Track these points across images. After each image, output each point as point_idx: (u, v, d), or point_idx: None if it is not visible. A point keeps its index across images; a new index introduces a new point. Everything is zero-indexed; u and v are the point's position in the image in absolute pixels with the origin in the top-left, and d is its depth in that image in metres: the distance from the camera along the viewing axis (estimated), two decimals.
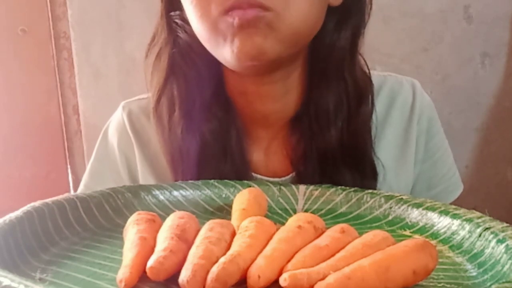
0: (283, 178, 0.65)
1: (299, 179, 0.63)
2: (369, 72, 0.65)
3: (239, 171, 0.62)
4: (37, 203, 0.45)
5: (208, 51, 0.58)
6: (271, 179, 0.64)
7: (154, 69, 0.64)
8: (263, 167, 0.66)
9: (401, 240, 0.39)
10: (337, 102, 0.62)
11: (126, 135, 0.71)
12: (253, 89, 0.62)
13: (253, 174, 0.65)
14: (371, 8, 0.62)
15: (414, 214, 0.51)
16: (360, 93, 0.63)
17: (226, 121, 0.63)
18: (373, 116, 0.65)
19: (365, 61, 0.65)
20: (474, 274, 0.41)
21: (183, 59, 0.62)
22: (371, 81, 0.65)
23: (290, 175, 0.65)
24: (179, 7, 0.61)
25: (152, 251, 0.38)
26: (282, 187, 0.59)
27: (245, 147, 0.64)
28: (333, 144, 0.62)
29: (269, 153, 0.66)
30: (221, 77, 0.63)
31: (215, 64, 0.59)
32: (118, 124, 0.72)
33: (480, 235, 0.43)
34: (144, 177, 0.69)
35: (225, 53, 0.54)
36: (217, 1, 0.52)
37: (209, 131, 0.62)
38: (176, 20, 0.62)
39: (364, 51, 0.64)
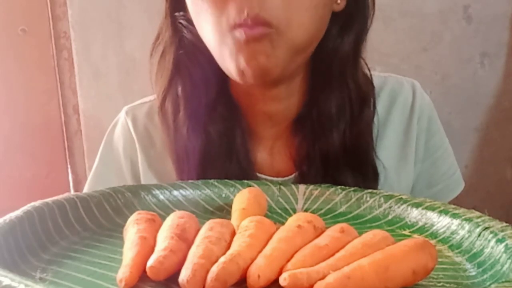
0: (286, 178, 0.65)
1: (302, 179, 0.63)
2: (371, 75, 0.66)
3: (244, 171, 0.63)
4: (37, 203, 0.45)
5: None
6: (274, 178, 0.64)
7: (158, 69, 0.65)
8: (268, 167, 0.66)
9: (401, 240, 0.39)
10: (340, 106, 0.62)
11: (131, 140, 0.71)
12: (258, 91, 0.63)
13: (258, 174, 0.65)
14: (373, 14, 0.63)
15: (414, 214, 0.51)
16: (362, 97, 0.64)
17: (231, 121, 0.63)
18: (375, 118, 0.65)
19: (366, 63, 0.65)
20: (474, 273, 0.41)
21: (188, 59, 0.62)
22: (372, 84, 0.65)
23: (293, 174, 0.65)
24: (184, 8, 0.61)
25: (152, 250, 0.38)
26: (282, 187, 0.59)
27: (249, 147, 0.65)
28: (336, 146, 0.62)
29: (273, 153, 0.66)
30: (225, 78, 0.63)
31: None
32: (123, 129, 0.72)
33: (479, 235, 0.43)
34: (147, 182, 0.69)
35: (231, 69, 0.55)
36: (229, 14, 0.52)
37: (214, 130, 0.63)
38: (181, 21, 0.62)
39: (364, 51, 0.64)
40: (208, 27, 0.55)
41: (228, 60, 0.55)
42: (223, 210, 0.55)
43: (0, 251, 0.38)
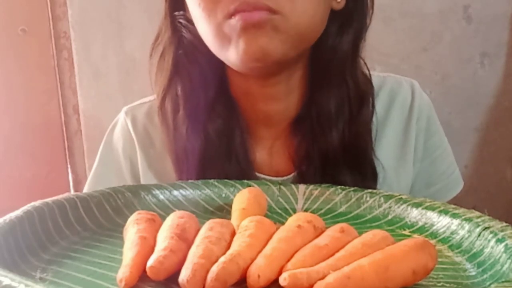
0: (285, 178, 0.65)
1: (301, 179, 0.63)
2: (370, 74, 0.66)
3: (243, 171, 0.63)
4: (37, 203, 0.45)
5: (212, 52, 0.58)
6: (273, 178, 0.64)
7: (158, 69, 0.65)
8: (267, 167, 0.66)
9: (401, 240, 0.39)
10: (339, 105, 0.63)
11: (131, 140, 0.71)
12: (257, 89, 0.62)
13: (257, 173, 0.65)
14: (372, 12, 0.63)
15: (414, 214, 0.51)
16: (361, 95, 0.64)
17: (230, 120, 0.63)
18: (374, 118, 0.65)
19: (365, 62, 0.65)
20: (474, 273, 0.41)
21: (187, 59, 0.63)
22: (371, 83, 0.65)
23: (292, 174, 0.65)
24: (183, 7, 0.61)
25: (152, 250, 0.38)
26: (282, 187, 0.59)
27: (249, 146, 0.65)
28: (335, 146, 0.62)
29: (272, 152, 0.66)
30: (225, 77, 0.64)
31: (219, 64, 0.60)
32: (123, 129, 0.72)
33: (479, 235, 0.43)
34: (147, 182, 0.69)
35: (230, 54, 0.55)
36: (223, 4, 0.52)
37: (213, 130, 0.63)
38: (181, 20, 0.62)
39: (364, 51, 0.64)
40: (202, 19, 0.55)
41: (227, 47, 0.54)
42: (223, 210, 0.55)
43: (0, 251, 0.38)
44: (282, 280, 0.34)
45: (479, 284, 0.39)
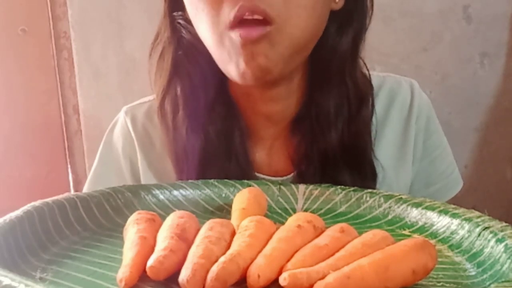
0: (285, 177, 0.65)
1: (300, 179, 0.63)
2: (369, 74, 0.66)
3: (242, 171, 0.63)
4: (37, 203, 0.45)
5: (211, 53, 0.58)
6: (273, 178, 0.65)
7: (157, 69, 0.65)
8: (266, 167, 0.66)
9: (401, 240, 0.39)
10: (338, 105, 0.63)
11: (131, 139, 0.71)
12: (256, 91, 0.63)
13: (256, 173, 0.65)
14: (372, 12, 0.63)
15: (414, 214, 0.51)
16: (360, 96, 0.64)
17: (230, 121, 0.64)
18: (373, 118, 0.65)
19: (364, 62, 0.65)
20: (473, 273, 0.41)
21: (187, 59, 0.63)
22: (371, 83, 0.66)
23: (292, 174, 0.65)
24: (182, 8, 0.61)
25: (152, 250, 0.38)
26: (282, 187, 0.59)
27: (248, 146, 0.65)
28: (334, 145, 0.62)
29: (271, 153, 0.67)
30: (224, 78, 0.64)
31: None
32: (123, 129, 0.72)
33: (479, 235, 0.43)
34: (147, 182, 0.69)
35: (231, 71, 0.55)
36: (225, 11, 0.52)
37: (213, 130, 0.63)
38: (180, 21, 0.62)
39: (364, 51, 0.64)
40: (205, 28, 0.55)
41: (228, 63, 0.55)
42: (223, 210, 0.55)
43: (0, 251, 0.38)
44: (282, 280, 0.34)
45: (479, 284, 0.39)
